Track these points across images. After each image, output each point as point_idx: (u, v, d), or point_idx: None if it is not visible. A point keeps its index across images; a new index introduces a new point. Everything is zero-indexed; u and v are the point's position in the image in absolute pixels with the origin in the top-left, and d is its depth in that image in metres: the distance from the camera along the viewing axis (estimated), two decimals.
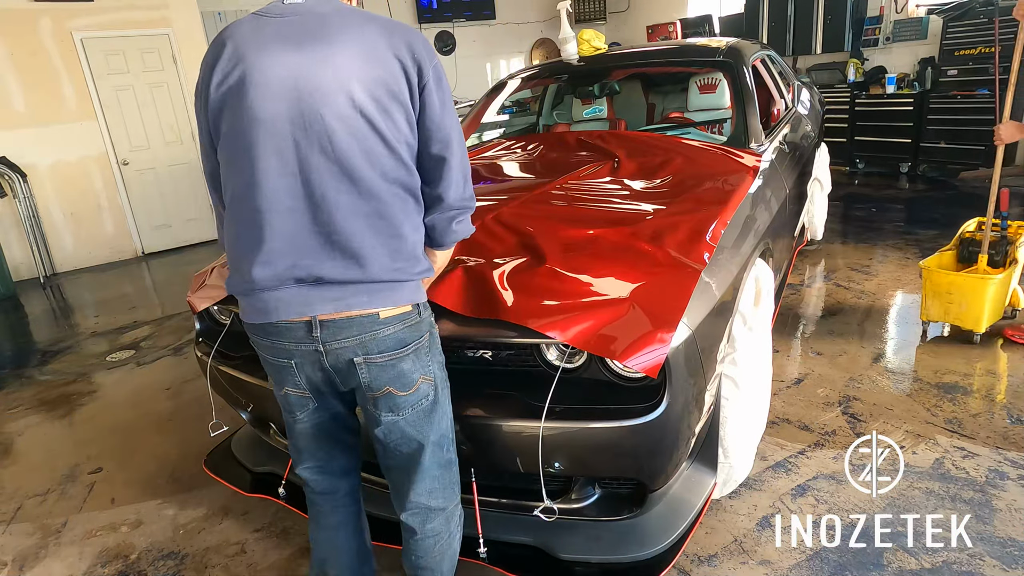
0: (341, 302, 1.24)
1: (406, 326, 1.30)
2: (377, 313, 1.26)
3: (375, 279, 1.24)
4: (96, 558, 2.17)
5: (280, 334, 1.29)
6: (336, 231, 1.21)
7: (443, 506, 1.47)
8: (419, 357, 1.34)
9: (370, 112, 1.19)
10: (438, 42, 8.76)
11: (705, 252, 1.76)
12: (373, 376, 1.30)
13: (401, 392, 1.32)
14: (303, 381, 1.36)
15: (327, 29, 1.20)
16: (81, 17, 5.98)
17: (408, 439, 1.38)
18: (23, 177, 5.82)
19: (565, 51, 3.55)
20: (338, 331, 1.26)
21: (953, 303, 2.90)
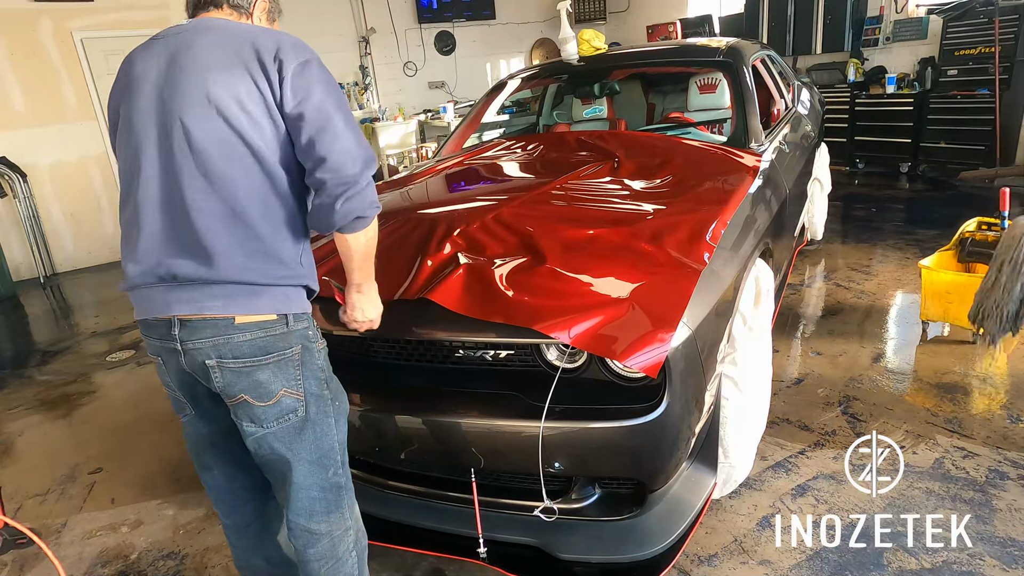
0: (195, 304, 1.23)
1: (268, 335, 1.26)
2: (232, 318, 1.24)
3: (227, 280, 1.23)
4: (96, 558, 2.17)
5: (150, 331, 1.32)
6: (191, 230, 1.23)
7: (326, 531, 1.40)
8: (282, 369, 1.28)
9: (228, 112, 1.22)
10: (438, 42, 8.75)
11: (705, 252, 1.76)
12: (227, 382, 1.27)
13: (258, 403, 1.28)
14: (173, 382, 1.37)
15: (196, 42, 1.27)
16: (81, 17, 5.98)
17: (278, 455, 1.33)
18: (23, 177, 5.82)
19: (565, 51, 3.55)
20: (194, 331, 1.25)
21: (953, 303, 2.90)
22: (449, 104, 7.89)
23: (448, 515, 1.89)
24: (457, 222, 1.99)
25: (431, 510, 1.91)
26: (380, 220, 2.20)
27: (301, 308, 1.31)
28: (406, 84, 8.57)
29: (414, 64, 8.59)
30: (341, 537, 1.43)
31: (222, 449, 1.47)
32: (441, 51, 8.80)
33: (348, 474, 1.45)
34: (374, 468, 2.05)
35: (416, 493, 1.95)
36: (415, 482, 1.96)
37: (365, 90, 8.14)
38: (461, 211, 2.15)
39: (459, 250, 1.83)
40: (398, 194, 2.54)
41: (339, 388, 1.43)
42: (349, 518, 1.45)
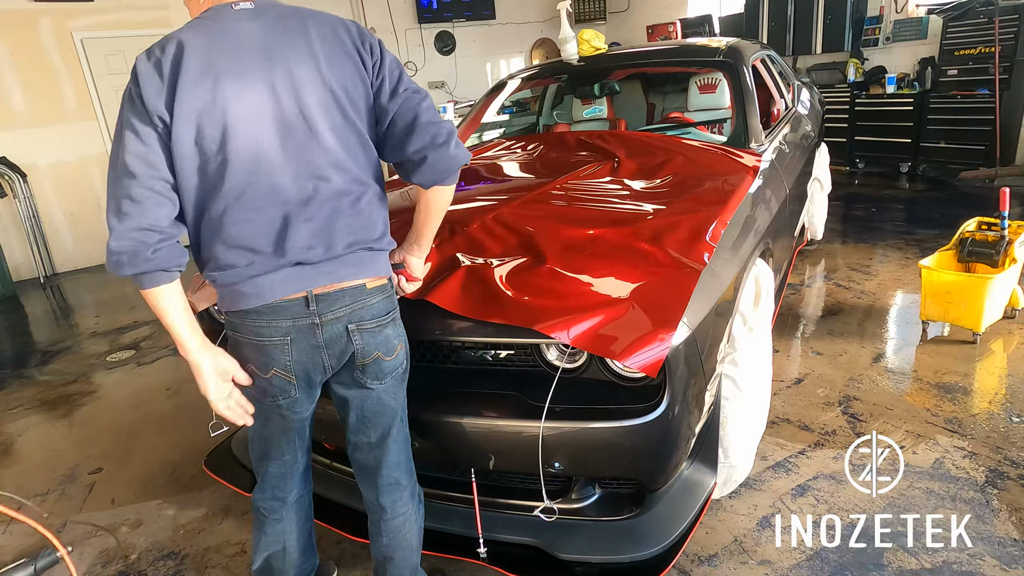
0: (332, 275, 1.34)
1: (385, 296, 1.43)
2: (364, 284, 1.38)
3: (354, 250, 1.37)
4: (96, 558, 2.17)
5: (276, 313, 1.34)
6: (320, 216, 1.33)
7: (409, 481, 1.57)
8: (396, 324, 1.46)
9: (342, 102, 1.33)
10: (438, 42, 8.75)
11: (705, 252, 1.76)
12: (365, 342, 1.40)
13: (387, 357, 1.43)
14: (294, 361, 1.38)
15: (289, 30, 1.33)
16: (81, 17, 5.98)
17: (384, 407, 1.48)
18: (23, 177, 5.82)
19: (565, 51, 3.55)
20: (333, 302, 1.35)
21: (953, 303, 2.90)
22: (449, 104, 7.89)
23: (448, 515, 1.89)
24: (457, 222, 1.99)
25: (431, 510, 1.90)
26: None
27: (390, 271, 1.48)
28: None
29: (414, 64, 8.59)
30: (415, 489, 1.60)
31: (300, 435, 1.54)
32: (441, 51, 8.80)
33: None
34: None
35: None
36: None
37: None
38: (461, 211, 2.15)
39: (459, 250, 1.83)
40: (398, 194, 2.54)
41: None
42: (415, 472, 1.61)
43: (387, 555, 1.59)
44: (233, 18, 1.27)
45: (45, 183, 6.08)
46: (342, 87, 1.32)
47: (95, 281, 5.93)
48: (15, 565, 1.61)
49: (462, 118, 3.85)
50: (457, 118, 7.42)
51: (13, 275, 5.73)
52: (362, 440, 1.52)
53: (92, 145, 6.22)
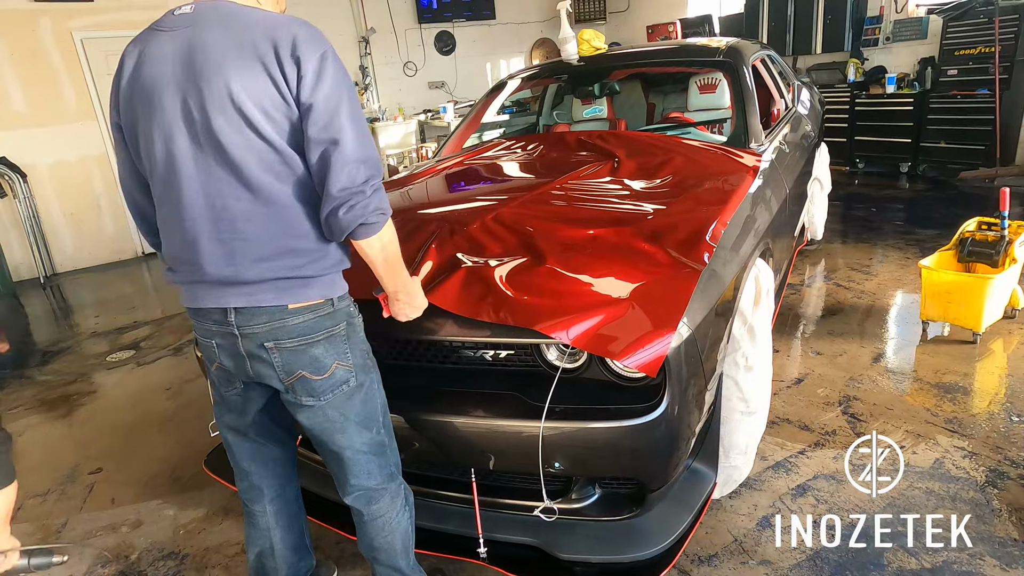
0: (251, 297, 1.31)
1: (317, 316, 1.35)
2: (284, 305, 1.32)
3: (280, 276, 1.30)
4: (96, 558, 2.17)
5: (203, 317, 1.38)
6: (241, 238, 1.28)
7: (383, 485, 1.52)
8: (332, 344, 1.38)
9: (256, 121, 1.22)
10: (438, 42, 8.75)
11: (705, 252, 1.76)
12: (285, 360, 1.36)
13: (316, 376, 1.37)
14: (227, 360, 1.41)
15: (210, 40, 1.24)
16: (81, 17, 5.98)
17: (331, 423, 1.43)
18: (23, 177, 5.82)
19: (565, 51, 3.55)
20: (250, 317, 1.33)
21: (952, 303, 2.90)
22: (449, 104, 7.90)
23: (448, 515, 1.89)
24: (457, 222, 1.99)
25: (431, 510, 1.91)
26: None
27: (343, 290, 1.41)
28: (406, 84, 8.57)
29: (414, 64, 8.59)
30: (396, 491, 1.55)
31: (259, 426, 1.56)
32: (441, 51, 8.80)
33: (392, 435, 1.55)
34: None
35: (416, 493, 1.94)
36: (415, 482, 1.96)
37: (365, 90, 8.14)
38: (461, 211, 2.16)
39: (459, 250, 1.83)
40: (398, 194, 2.54)
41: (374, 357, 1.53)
42: (398, 476, 1.56)
43: (372, 555, 1.60)
44: (168, 26, 1.26)
45: (45, 183, 6.08)
46: (256, 104, 1.20)
47: (95, 281, 5.93)
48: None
49: (462, 118, 3.85)
50: (457, 118, 7.42)
51: (13, 275, 5.73)
52: (324, 452, 1.50)
53: (92, 145, 6.22)
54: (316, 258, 1.33)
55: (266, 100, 1.21)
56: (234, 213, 1.26)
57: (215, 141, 1.22)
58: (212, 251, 1.29)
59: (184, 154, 1.25)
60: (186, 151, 1.25)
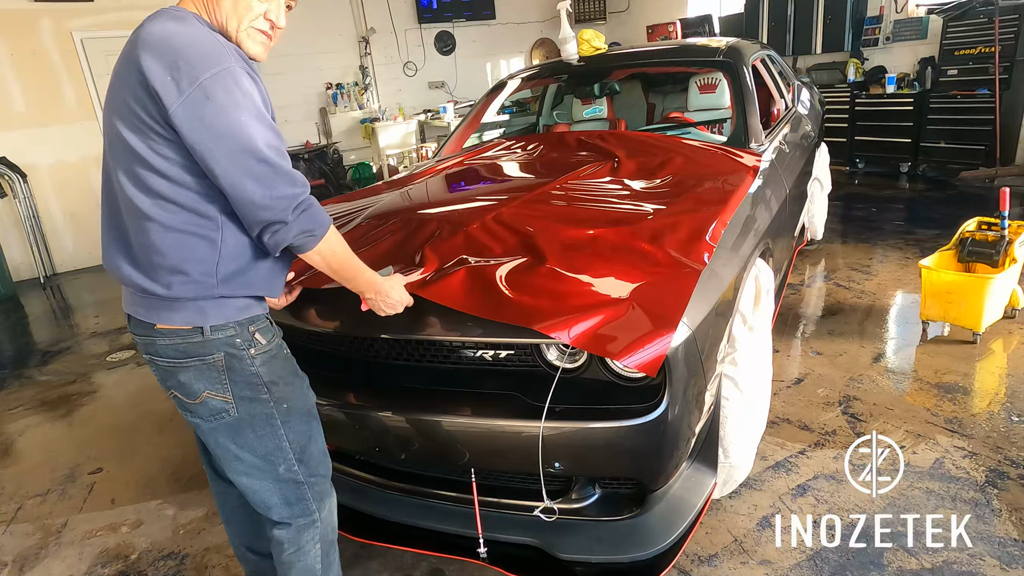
0: (131, 306, 1.35)
1: (184, 341, 1.29)
2: (152, 323, 1.31)
3: (148, 291, 1.27)
4: (96, 558, 2.17)
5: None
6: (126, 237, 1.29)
7: (287, 520, 1.45)
8: (204, 373, 1.31)
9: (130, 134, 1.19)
10: (438, 42, 8.75)
11: (705, 252, 1.76)
12: (160, 377, 1.38)
13: (186, 399, 1.35)
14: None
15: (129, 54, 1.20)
16: (81, 17, 5.98)
17: (223, 448, 1.39)
18: (23, 177, 5.82)
19: (565, 51, 3.55)
20: (136, 327, 1.36)
21: (952, 303, 2.90)
22: (449, 104, 7.90)
23: (448, 515, 1.89)
24: (457, 222, 1.99)
25: (431, 510, 1.91)
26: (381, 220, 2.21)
27: (221, 319, 1.30)
28: (406, 84, 8.57)
29: (414, 64, 8.59)
30: (306, 527, 1.48)
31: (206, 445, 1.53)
32: (441, 51, 8.80)
33: (314, 469, 1.46)
34: (374, 468, 2.05)
35: (416, 493, 1.95)
36: (415, 482, 1.96)
37: (365, 90, 8.14)
38: (461, 211, 2.15)
39: (459, 250, 1.83)
40: (398, 194, 2.54)
41: (293, 390, 1.42)
42: (315, 511, 1.48)
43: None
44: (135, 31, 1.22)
45: (45, 183, 6.08)
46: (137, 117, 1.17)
47: (95, 281, 5.93)
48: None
49: (462, 118, 3.85)
50: (457, 118, 7.42)
51: (13, 275, 5.74)
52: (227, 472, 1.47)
53: (92, 145, 6.22)
54: (184, 283, 1.26)
55: (137, 116, 1.17)
56: (121, 221, 1.28)
57: (113, 143, 1.24)
58: (109, 249, 1.32)
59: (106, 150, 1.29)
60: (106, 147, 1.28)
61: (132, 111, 1.18)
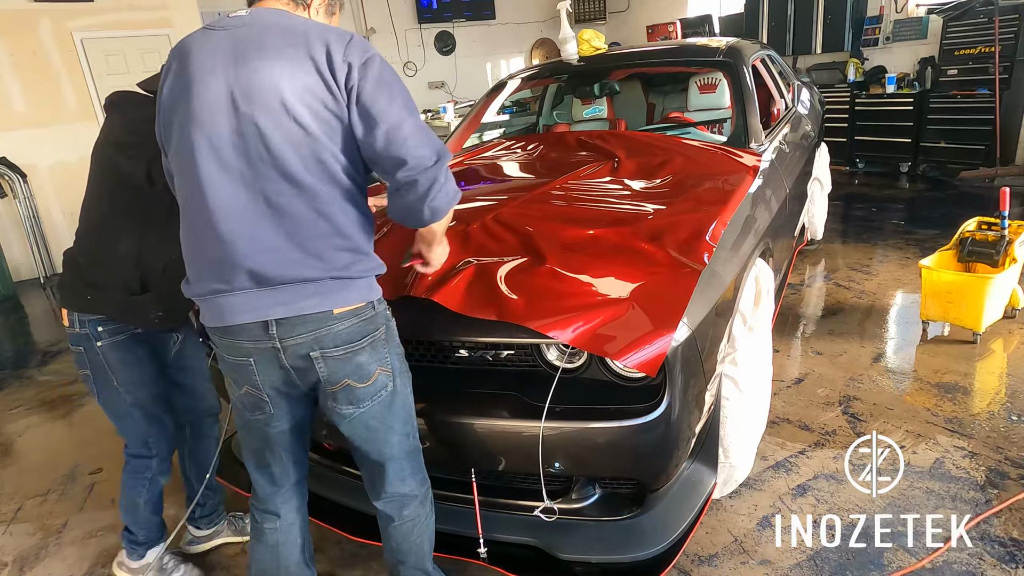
0: (289, 306, 1.26)
1: (361, 320, 1.33)
2: (330, 311, 1.29)
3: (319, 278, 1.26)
4: (96, 558, 2.17)
5: (235, 335, 1.32)
6: (277, 233, 1.24)
7: (415, 492, 1.53)
8: (375, 349, 1.37)
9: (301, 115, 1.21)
10: (438, 42, 8.75)
11: (705, 252, 1.76)
12: (331, 370, 1.33)
13: (360, 384, 1.36)
14: (263, 380, 1.37)
15: (263, 38, 1.23)
16: (81, 17, 5.98)
17: (373, 431, 1.42)
18: (23, 177, 5.81)
19: (565, 51, 3.54)
20: (293, 328, 1.29)
21: (953, 303, 2.90)
22: (449, 104, 7.90)
23: (448, 515, 1.89)
24: (457, 222, 1.99)
25: None
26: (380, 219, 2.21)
27: (380, 293, 1.39)
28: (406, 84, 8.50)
29: (414, 64, 8.59)
30: (425, 496, 1.57)
31: (286, 446, 1.50)
32: (441, 51, 8.81)
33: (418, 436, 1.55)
34: None
35: None
36: None
37: None
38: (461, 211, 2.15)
39: (459, 250, 1.83)
40: None
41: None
42: (427, 479, 1.58)
43: (399, 559, 1.59)
44: (220, 26, 1.27)
45: (45, 183, 6.08)
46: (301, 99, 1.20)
47: None
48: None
49: (462, 118, 3.85)
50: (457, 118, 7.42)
51: (13, 275, 5.73)
52: (362, 459, 1.50)
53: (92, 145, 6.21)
54: (358, 259, 1.31)
55: (312, 93, 1.21)
56: (275, 209, 1.23)
57: (256, 133, 1.20)
58: (249, 252, 1.24)
59: (223, 146, 1.21)
60: (225, 143, 1.21)
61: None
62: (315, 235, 1.26)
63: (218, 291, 1.28)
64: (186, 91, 1.24)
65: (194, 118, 1.22)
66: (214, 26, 1.28)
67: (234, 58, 1.22)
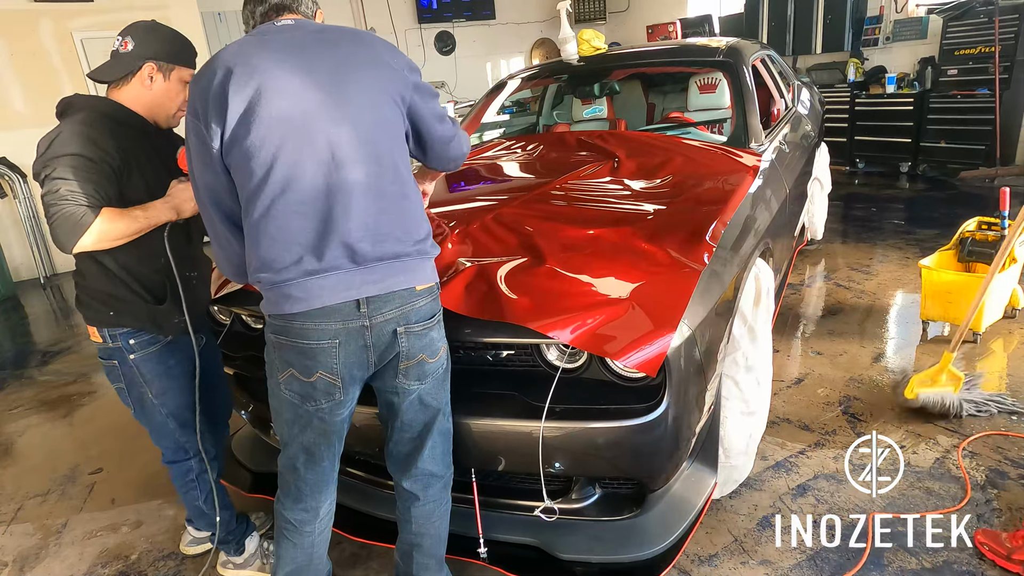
0: (381, 283, 1.36)
1: (432, 298, 1.47)
2: (414, 287, 1.40)
3: (404, 254, 1.38)
4: (96, 558, 2.17)
5: (325, 317, 1.35)
6: (368, 213, 1.34)
7: (443, 472, 1.60)
8: (440, 327, 1.50)
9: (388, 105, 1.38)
10: (438, 42, 8.75)
11: (705, 252, 1.76)
12: (411, 344, 1.43)
13: (431, 359, 1.47)
14: (342, 363, 1.39)
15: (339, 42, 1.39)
16: (81, 17, 5.98)
17: (425, 407, 1.51)
18: (23, 177, 5.82)
19: (565, 51, 3.55)
20: (383, 304, 1.38)
21: (953, 303, 2.90)
22: (449, 104, 7.89)
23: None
24: (457, 222, 1.99)
25: None
26: None
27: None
28: None
29: None
30: (448, 480, 1.62)
31: (340, 437, 1.53)
32: (441, 51, 8.81)
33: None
34: (375, 468, 2.05)
35: None
36: None
37: None
38: (461, 211, 2.16)
39: (459, 250, 1.83)
40: None
41: None
42: (452, 463, 1.64)
43: (415, 542, 1.61)
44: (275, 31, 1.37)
45: None
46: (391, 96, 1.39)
47: None
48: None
49: (462, 118, 3.85)
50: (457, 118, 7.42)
51: (13, 275, 5.73)
52: (403, 436, 1.55)
53: None
54: (427, 238, 1.45)
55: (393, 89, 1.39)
56: (366, 190, 1.34)
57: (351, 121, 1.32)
58: (339, 232, 1.32)
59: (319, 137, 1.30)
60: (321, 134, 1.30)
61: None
62: (401, 215, 1.39)
63: (311, 272, 1.32)
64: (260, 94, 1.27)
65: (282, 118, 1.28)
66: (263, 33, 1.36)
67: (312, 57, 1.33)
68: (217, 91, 1.28)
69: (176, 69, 1.71)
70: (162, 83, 1.68)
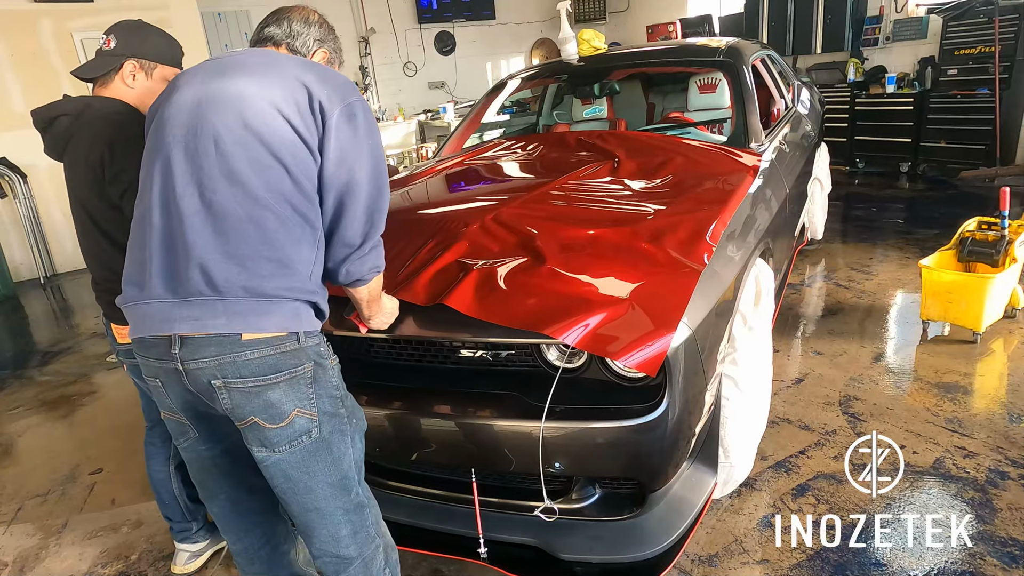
0: (198, 322, 1.14)
1: (277, 352, 1.17)
2: (238, 335, 1.14)
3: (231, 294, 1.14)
4: (97, 558, 2.17)
5: (147, 351, 1.22)
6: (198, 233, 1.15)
7: (356, 554, 1.34)
8: (294, 387, 1.19)
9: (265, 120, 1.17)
10: (438, 42, 8.75)
11: (705, 252, 1.76)
12: (235, 403, 1.18)
13: (270, 425, 1.19)
14: (176, 404, 1.27)
15: (248, 60, 1.28)
16: (81, 18, 5.98)
17: (293, 481, 1.24)
18: (23, 177, 5.81)
19: (565, 51, 3.55)
20: (196, 350, 1.15)
21: (953, 302, 2.90)
22: (449, 104, 7.90)
23: (448, 515, 1.89)
24: (457, 223, 1.99)
25: (431, 510, 1.91)
26: None
27: (311, 326, 1.24)
28: (406, 84, 8.57)
29: (414, 64, 8.60)
30: (372, 557, 1.37)
31: (228, 472, 1.37)
32: (441, 51, 8.81)
33: (367, 489, 1.39)
34: (374, 468, 2.05)
35: (416, 493, 1.95)
36: (416, 482, 1.96)
37: (365, 90, 8.14)
38: (461, 211, 2.15)
39: (458, 251, 1.83)
40: (398, 195, 2.54)
41: (355, 405, 1.37)
42: (376, 535, 1.39)
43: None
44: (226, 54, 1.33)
45: (45, 183, 6.07)
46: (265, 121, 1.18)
47: None
48: None
49: (462, 118, 3.85)
50: (457, 118, 7.42)
51: (13, 275, 5.73)
52: (286, 508, 1.31)
53: None
54: (283, 272, 1.17)
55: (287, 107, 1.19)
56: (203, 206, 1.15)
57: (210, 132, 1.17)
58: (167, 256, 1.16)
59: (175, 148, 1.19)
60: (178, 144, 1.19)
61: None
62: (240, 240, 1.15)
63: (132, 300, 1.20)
64: (162, 103, 1.27)
65: (160, 125, 1.23)
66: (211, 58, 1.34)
67: (212, 74, 1.25)
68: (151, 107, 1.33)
69: (159, 67, 1.69)
70: (144, 81, 1.67)
